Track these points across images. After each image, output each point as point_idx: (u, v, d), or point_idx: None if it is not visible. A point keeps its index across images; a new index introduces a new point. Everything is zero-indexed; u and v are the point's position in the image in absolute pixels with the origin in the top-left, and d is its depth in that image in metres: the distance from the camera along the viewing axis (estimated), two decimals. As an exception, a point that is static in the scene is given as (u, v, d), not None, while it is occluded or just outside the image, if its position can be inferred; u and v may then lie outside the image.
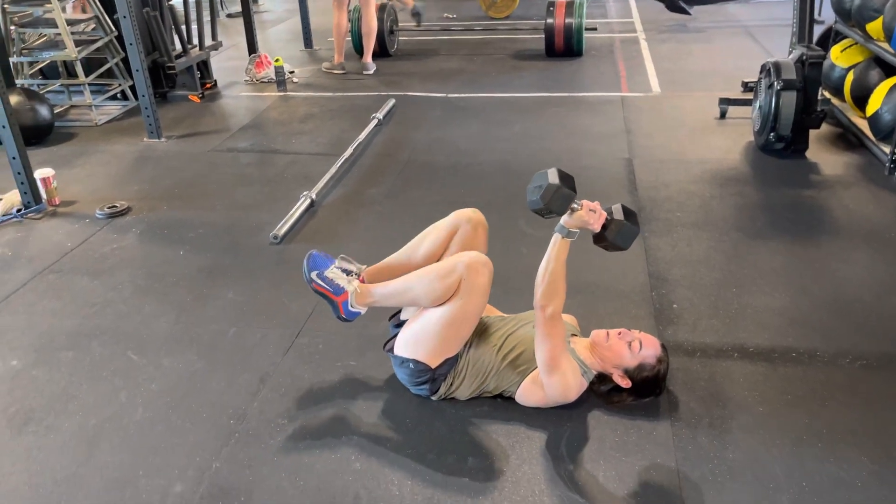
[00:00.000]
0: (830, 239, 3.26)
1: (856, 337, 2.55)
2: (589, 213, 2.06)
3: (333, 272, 2.29)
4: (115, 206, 3.74)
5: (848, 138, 4.41)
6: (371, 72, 6.30)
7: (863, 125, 4.28)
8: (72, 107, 5.52)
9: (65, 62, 5.43)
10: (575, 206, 2.05)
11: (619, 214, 2.10)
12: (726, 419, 2.18)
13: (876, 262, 3.05)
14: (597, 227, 2.08)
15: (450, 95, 5.60)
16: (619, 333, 2.24)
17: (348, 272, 2.34)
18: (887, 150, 3.88)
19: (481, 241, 2.39)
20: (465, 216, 2.39)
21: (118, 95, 5.62)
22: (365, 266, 2.43)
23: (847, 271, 2.98)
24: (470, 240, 2.35)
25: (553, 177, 2.03)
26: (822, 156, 4.17)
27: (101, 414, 2.30)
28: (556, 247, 2.09)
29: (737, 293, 2.84)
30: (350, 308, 2.27)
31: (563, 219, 2.08)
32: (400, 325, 2.37)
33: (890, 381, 2.33)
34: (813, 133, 4.19)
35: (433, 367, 2.21)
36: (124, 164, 4.44)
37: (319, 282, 2.26)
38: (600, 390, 2.25)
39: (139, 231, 3.54)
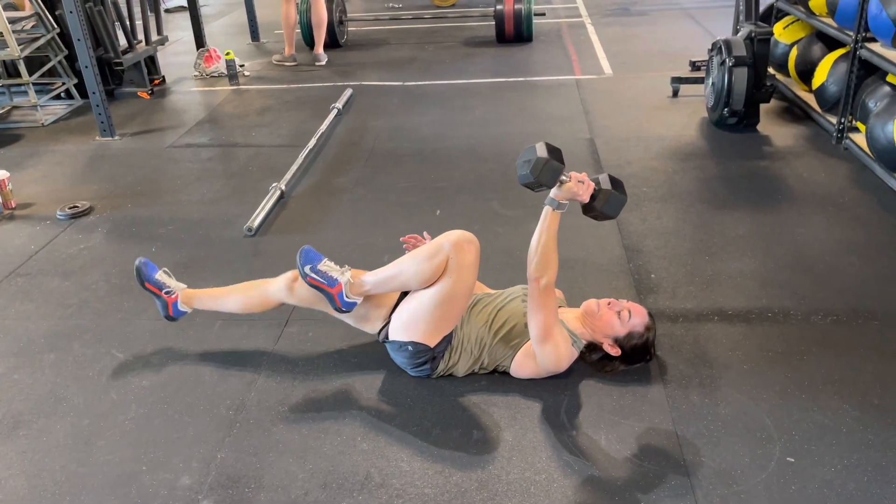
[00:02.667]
0: (788, 205, 3.41)
1: (823, 294, 2.69)
2: (577, 185, 2.12)
3: (326, 265, 2.29)
4: (77, 207, 3.63)
5: (794, 111, 4.60)
6: (323, 63, 6.25)
7: (808, 98, 4.47)
8: (14, 108, 5.31)
9: (3, 62, 5.22)
10: (563, 178, 2.11)
11: (606, 184, 2.17)
12: (714, 378, 2.28)
13: (832, 224, 3.21)
14: (585, 198, 2.14)
15: (406, 83, 5.60)
16: (609, 304, 2.31)
17: (163, 287, 2.49)
18: (833, 120, 4.07)
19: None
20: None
21: (62, 95, 5.44)
22: (184, 286, 2.55)
23: (807, 234, 3.13)
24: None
25: (541, 150, 2.08)
26: (773, 128, 4.34)
27: (94, 413, 2.25)
28: (548, 219, 2.14)
29: (709, 260, 2.95)
30: (345, 299, 2.27)
31: (553, 191, 2.13)
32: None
33: (859, 333, 2.47)
34: (762, 108, 4.36)
35: (432, 346, 2.24)
36: (79, 163, 4.31)
37: (314, 275, 2.26)
38: (591, 359, 2.32)
39: (105, 230, 3.45)
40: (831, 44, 4.31)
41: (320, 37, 6.26)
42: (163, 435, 2.16)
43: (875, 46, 3.66)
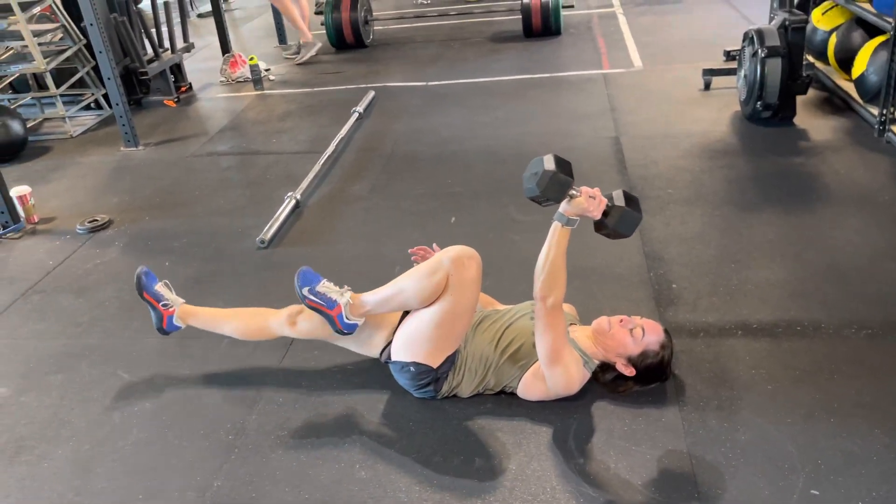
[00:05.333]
0: (823, 206, 3.22)
1: (857, 305, 2.52)
2: (588, 200, 2.00)
3: (325, 286, 2.22)
4: (96, 220, 3.65)
5: (834, 102, 4.37)
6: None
7: (849, 88, 4.23)
8: (45, 119, 5.39)
9: (34, 74, 5.30)
10: (573, 192, 1.99)
11: (620, 201, 2.04)
12: (734, 400, 2.14)
13: (869, 226, 3.01)
14: (597, 215, 2.02)
15: (429, 83, 5.51)
16: (621, 321, 2.19)
17: (161, 299, 2.45)
18: (875, 111, 3.84)
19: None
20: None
21: (92, 105, 5.50)
22: (183, 300, 2.51)
23: (841, 238, 2.94)
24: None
25: (549, 163, 1.97)
26: (810, 121, 4.13)
27: (95, 438, 2.23)
28: (556, 235, 2.03)
29: (735, 268, 2.80)
30: (346, 320, 2.20)
31: (562, 206, 2.02)
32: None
33: (895, 349, 2.29)
34: (800, 99, 4.15)
35: (435, 366, 2.16)
36: (102, 175, 4.34)
37: (312, 297, 2.20)
38: (604, 379, 2.20)
39: (122, 244, 3.45)
40: (872, 30, 4.07)
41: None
42: (161, 461, 2.12)
43: (918, 33, 3.43)
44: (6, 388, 2.49)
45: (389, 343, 2.26)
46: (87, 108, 5.48)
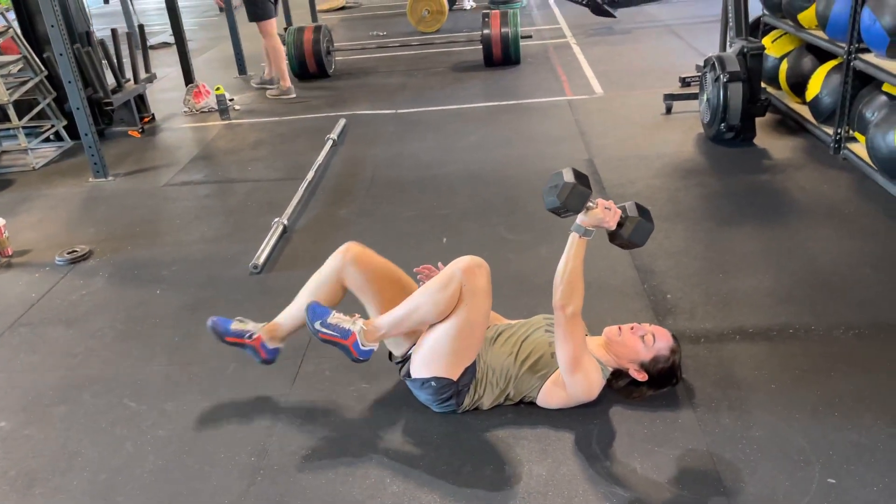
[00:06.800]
0: (795, 219, 3.41)
1: (842, 309, 2.68)
2: (604, 211, 2.09)
3: (336, 317, 2.23)
4: (76, 251, 3.57)
5: (788, 123, 4.63)
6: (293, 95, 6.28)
7: (801, 110, 4.50)
8: (3, 152, 5.24)
9: (-7, 106, 5.15)
10: (590, 204, 2.09)
11: (633, 211, 2.14)
12: (743, 400, 2.24)
13: (841, 236, 3.21)
14: (612, 225, 2.11)
15: (399, 111, 5.60)
16: (632, 328, 2.28)
17: (244, 333, 2.41)
18: (830, 131, 4.09)
19: (372, 268, 2.38)
20: (345, 262, 2.37)
21: (51, 137, 5.38)
22: (262, 324, 2.46)
23: (817, 248, 3.12)
24: (362, 277, 2.35)
25: (569, 176, 2.06)
26: (770, 142, 4.36)
27: (110, 467, 2.18)
28: (574, 246, 2.11)
29: (723, 278, 2.93)
30: (361, 347, 2.21)
31: (579, 217, 2.11)
32: (404, 359, 2.33)
33: (883, 347, 2.45)
34: (758, 121, 4.38)
35: (455, 379, 2.19)
36: (74, 206, 4.25)
37: (325, 330, 2.20)
38: (618, 386, 2.28)
39: (107, 274, 3.38)
40: (821, 55, 4.35)
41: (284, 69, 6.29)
42: (184, 486, 2.09)
43: (869, 57, 3.70)
44: (6, 422, 2.41)
45: (408, 358, 2.29)
46: (47, 140, 5.36)
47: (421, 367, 2.23)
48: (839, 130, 3.99)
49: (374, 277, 2.36)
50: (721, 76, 4.16)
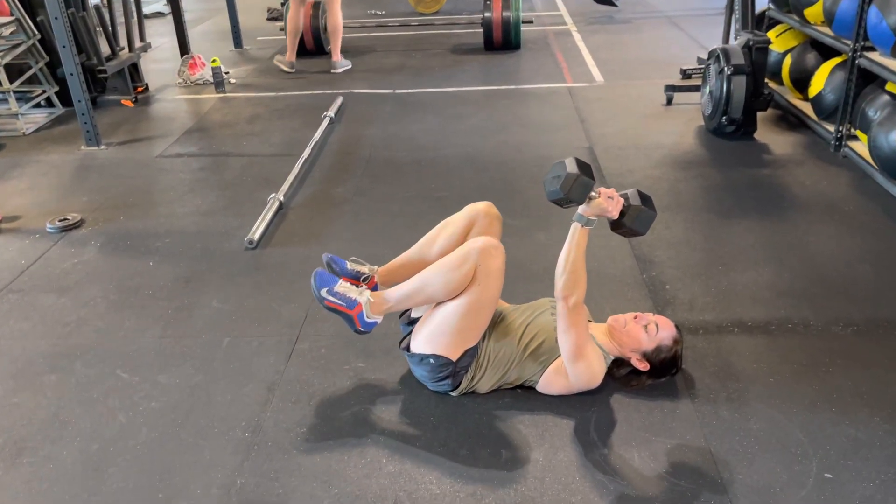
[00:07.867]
0: (795, 214, 3.41)
1: (841, 304, 2.68)
2: (607, 201, 2.07)
3: (343, 286, 2.21)
4: (67, 219, 3.50)
5: (789, 119, 4.62)
6: (340, 70, 6.13)
7: (802, 106, 4.50)
8: (-8, 116, 5.14)
9: (-18, 69, 5.04)
10: (593, 194, 2.06)
11: (635, 200, 2.12)
12: (742, 392, 2.24)
13: (841, 233, 3.21)
14: (615, 214, 2.09)
15: (397, 91, 5.54)
16: (636, 318, 2.27)
17: (360, 275, 2.30)
18: (831, 128, 4.09)
19: (496, 234, 2.36)
20: (482, 210, 2.38)
21: (42, 103, 5.28)
22: (377, 267, 2.37)
23: (817, 243, 3.12)
24: (486, 234, 2.32)
25: (571, 166, 2.04)
26: (770, 136, 4.36)
27: (102, 438, 2.15)
28: (576, 236, 2.09)
29: (722, 270, 2.93)
30: (366, 319, 2.19)
31: (581, 207, 2.08)
32: (412, 322, 2.32)
33: (882, 344, 2.46)
34: (758, 116, 4.37)
35: (454, 359, 2.18)
36: (65, 174, 4.17)
37: (331, 298, 2.18)
38: (618, 374, 2.27)
39: (99, 244, 3.33)
40: (826, 52, 4.34)
41: (336, 44, 6.14)
42: (178, 460, 2.06)
43: (874, 55, 3.69)
44: (-5, 389, 2.37)
45: (409, 332, 2.28)
46: (38, 105, 5.25)
47: (422, 342, 2.21)
48: (841, 128, 3.99)
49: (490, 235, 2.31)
50: (725, 68, 4.13)
